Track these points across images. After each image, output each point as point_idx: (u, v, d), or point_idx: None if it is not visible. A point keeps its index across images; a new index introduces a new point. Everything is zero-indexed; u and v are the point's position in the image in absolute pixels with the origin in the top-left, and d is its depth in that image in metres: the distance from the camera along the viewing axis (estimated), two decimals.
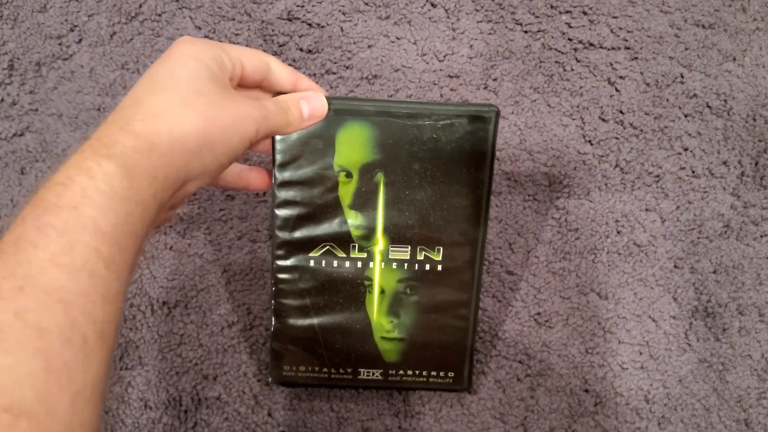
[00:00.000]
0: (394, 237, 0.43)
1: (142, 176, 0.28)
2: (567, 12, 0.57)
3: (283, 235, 0.43)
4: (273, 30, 0.56)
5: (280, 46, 0.56)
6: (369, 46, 0.56)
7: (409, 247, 0.43)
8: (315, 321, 0.44)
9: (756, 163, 0.54)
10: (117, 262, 0.27)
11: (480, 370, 0.50)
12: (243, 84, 0.39)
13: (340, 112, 0.41)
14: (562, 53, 0.56)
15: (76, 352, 0.24)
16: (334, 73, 0.55)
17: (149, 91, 0.32)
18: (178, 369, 0.50)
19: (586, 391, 0.50)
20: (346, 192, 0.42)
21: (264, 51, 0.41)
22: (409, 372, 0.46)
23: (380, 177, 0.42)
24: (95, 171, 0.27)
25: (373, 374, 0.46)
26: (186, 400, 0.49)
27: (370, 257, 0.43)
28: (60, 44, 0.56)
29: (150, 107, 0.30)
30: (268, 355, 0.48)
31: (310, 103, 0.40)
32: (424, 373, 0.46)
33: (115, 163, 0.27)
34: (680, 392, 0.50)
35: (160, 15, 0.56)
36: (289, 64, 0.55)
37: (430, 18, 0.57)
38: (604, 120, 0.55)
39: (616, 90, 0.55)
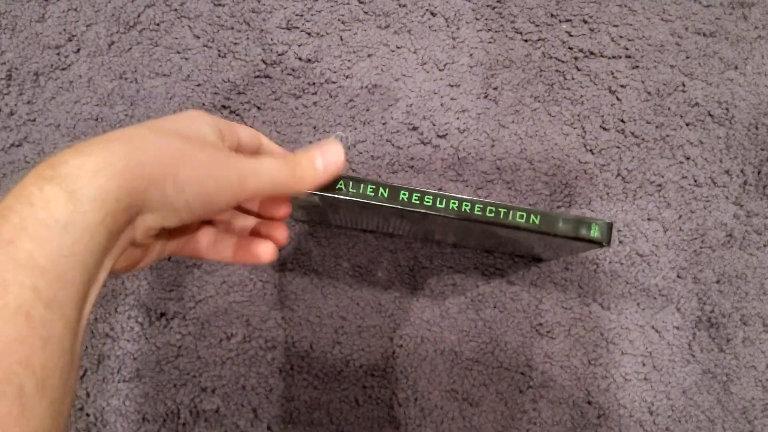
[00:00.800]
0: None
1: (90, 198, 0.25)
2: (567, 21, 0.57)
3: None
4: (272, 39, 0.56)
5: (279, 55, 0.56)
6: (369, 56, 0.56)
7: None
8: None
9: (759, 172, 0.54)
10: (59, 300, 0.24)
11: (482, 382, 0.50)
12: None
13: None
14: (563, 62, 0.56)
15: (11, 406, 0.21)
16: (334, 83, 0.55)
17: (134, 127, 0.29)
18: (176, 381, 0.49)
19: (589, 403, 0.50)
20: None
21: (254, 130, 0.38)
22: None
23: None
24: (36, 197, 0.24)
25: None
26: (184, 413, 0.49)
27: None
28: (58, 54, 0.55)
29: (117, 134, 0.27)
30: None
31: (325, 155, 0.34)
32: None
33: (59, 186, 0.24)
34: (684, 404, 0.50)
35: (158, 24, 0.56)
36: (288, 74, 0.55)
37: (430, 27, 0.57)
38: (605, 129, 0.54)
39: (617, 99, 0.55)
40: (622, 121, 0.55)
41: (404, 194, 0.37)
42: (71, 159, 0.25)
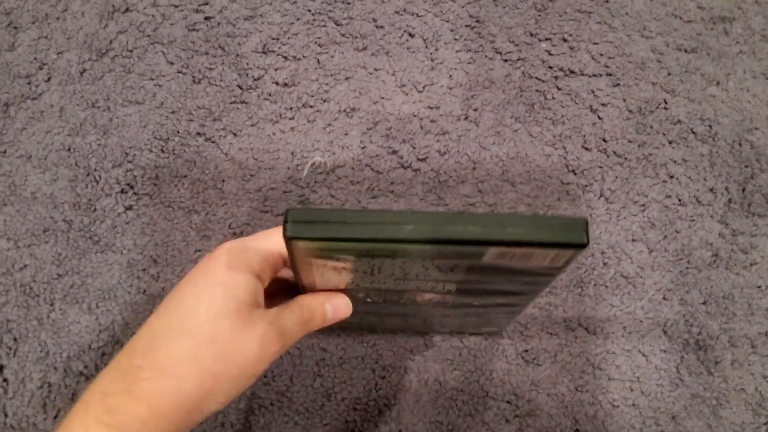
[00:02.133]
0: None
1: None
2: (547, 39, 0.56)
3: None
4: (248, 63, 0.55)
5: (255, 80, 0.55)
6: (346, 78, 0.55)
7: None
8: None
9: (743, 190, 0.53)
10: None
11: (467, 412, 0.49)
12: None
13: None
14: (543, 81, 0.55)
15: None
16: (311, 107, 0.54)
17: (167, 329, 0.32)
18: None
19: (577, 431, 0.49)
20: None
21: None
22: None
23: None
24: None
25: None
26: None
27: None
28: (29, 83, 0.54)
29: (160, 357, 0.31)
30: None
31: (335, 308, 0.37)
32: None
33: None
34: (674, 429, 0.49)
35: (131, 51, 0.55)
36: (265, 99, 0.54)
37: (408, 48, 0.56)
38: (587, 149, 0.54)
39: (599, 118, 0.54)
40: (604, 140, 0.54)
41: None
42: (127, 406, 0.29)
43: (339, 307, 0.37)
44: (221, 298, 0.32)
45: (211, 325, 0.31)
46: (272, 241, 0.35)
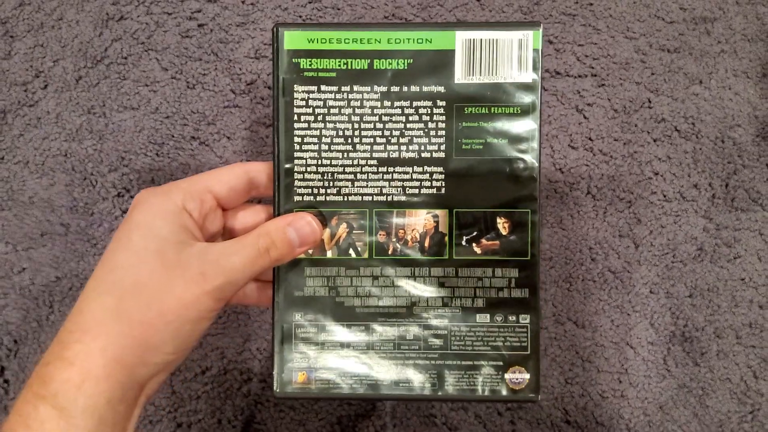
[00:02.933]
0: None
1: (80, 410, 0.27)
2: None
3: None
4: (241, 68, 0.56)
5: (248, 84, 0.56)
6: None
7: None
8: None
9: (726, 185, 0.54)
10: None
11: (460, 405, 0.50)
12: (227, 207, 0.36)
13: None
14: None
15: None
16: None
17: (92, 288, 0.30)
18: (151, 417, 0.49)
19: (567, 422, 0.50)
20: None
21: (242, 161, 0.37)
22: None
23: None
24: (32, 418, 0.27)
25: None
26: None
27: None
28: (25, 91, 0.55)
29: (86, 318, 0.29)
30: None
31: (299, 230, 0.34)
32: None
33: (50, 405, 0.27)
34: (661, 419, 0.50)
35: (125, 58, 0.56)
36: (258, 103, 0.55)
37: None
38: (573, 148, 0.55)
39: (585, 117, 0.56)
40: (590, 139, 0.55)
41: None
42: (58, 372, 0.28)
43: (302, 231, 0.34)
44: (139, 240, 0.30)
45: (134, 273, 0.30)
46: (192, 180, 0.34)
